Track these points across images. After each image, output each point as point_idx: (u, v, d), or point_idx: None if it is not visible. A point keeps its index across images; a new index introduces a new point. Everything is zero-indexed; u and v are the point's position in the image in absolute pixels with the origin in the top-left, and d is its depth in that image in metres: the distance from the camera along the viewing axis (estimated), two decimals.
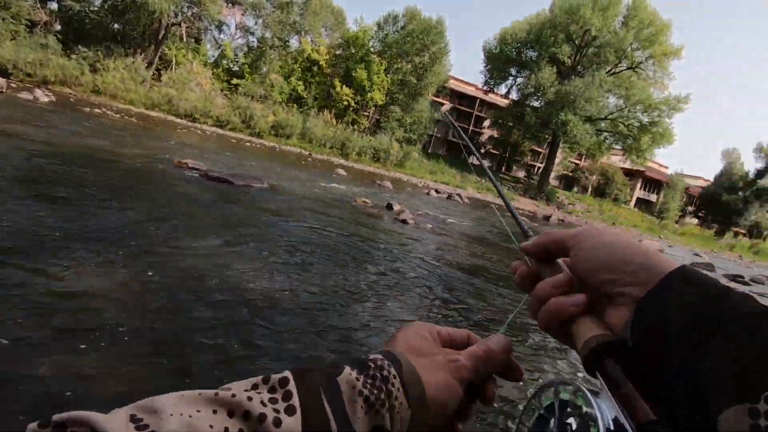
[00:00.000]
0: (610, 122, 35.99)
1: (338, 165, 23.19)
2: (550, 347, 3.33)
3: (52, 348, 1.84)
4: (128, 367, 1.84)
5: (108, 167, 6.21)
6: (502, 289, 4.91)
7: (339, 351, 2.46)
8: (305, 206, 7.32)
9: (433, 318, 3.39)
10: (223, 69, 33.67)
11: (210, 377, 1.92)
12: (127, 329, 2.13)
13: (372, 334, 2.81)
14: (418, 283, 4.28)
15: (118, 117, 16.98)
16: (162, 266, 3.01)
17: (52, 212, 3.56)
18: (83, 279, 2.53)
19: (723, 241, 47.64)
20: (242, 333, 2.39)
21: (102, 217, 3.79)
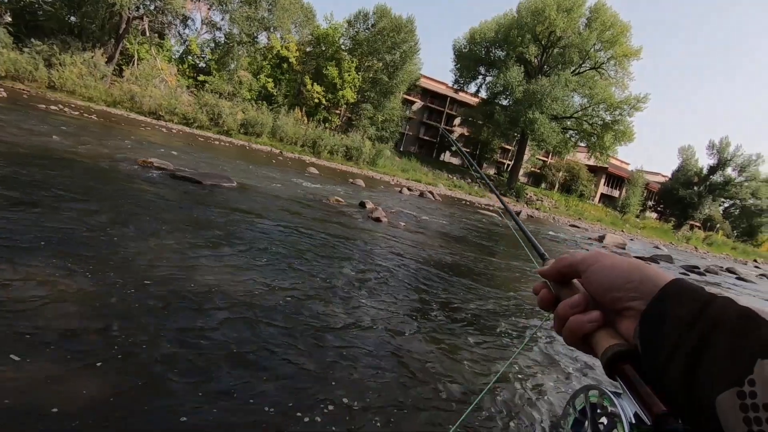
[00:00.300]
0: (575, 120, 37.17)
1: (310, 163, 22.96)
2: (575, 357, 3.45)
3: (15, 352, 1.75)
4: (91, 374, 1.78)
5: (66, 167, 5.93)
6: (477, 285, 4.99)
7: (315, 349, 2.45)
8: (277, 205, 7.22)
9: (409, 313, 3.42)
10: (188, 65, 32.71)
11: (177, 380, 1.87)
12: (88, 336, 2.05)
13: (347, 331, 2.81)
14: (393, 281, 4.30)
15: (77, 114, 16.21)
16: (126, 270, 2.91)
17: (3, 215, 3.37)
18: (40, 285, 2.42)
19: (680, 233, 50.22)
20: (210, 336, 2.34)
21: (60, 220, 3.61)
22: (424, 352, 2.83)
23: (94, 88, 24.28)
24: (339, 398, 2.05)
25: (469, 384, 2.56)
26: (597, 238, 19.41)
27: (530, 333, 3.81)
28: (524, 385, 2.72)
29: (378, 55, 34.40)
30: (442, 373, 2.60)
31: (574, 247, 13.64)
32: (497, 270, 6.48)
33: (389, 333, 2.97)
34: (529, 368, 3.02)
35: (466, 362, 2.84)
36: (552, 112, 34.38)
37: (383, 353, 2.65)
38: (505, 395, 2.53)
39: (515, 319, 4.12)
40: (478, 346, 3.16)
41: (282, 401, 1.91)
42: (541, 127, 33.50)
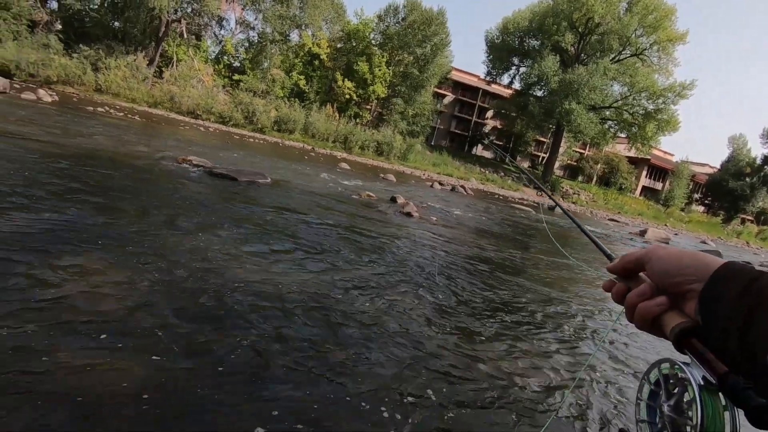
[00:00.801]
0: (615, 110, 35.60)
1: (341, 159, 23.15)
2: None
3: (64, 346, 1.87)
4: (143, 362, 1.87)
5: (112, 166, 6.25)
6: (510, 278, 4.91)
7: (355, 340, 2.48)
8: (310, 201, 7.33)
9: (444, 307, 3.40)
10: (224, 65, 33.59)
11: (221, 369, 1.94)
12: (138, 325, 2.16)
13: (383, 325, 2.82)
14: (424, 275, 4.29)
15: (122, 115, 17.02)
16: (169, 262, 3.04)
17: (57, 212, 3.59)
18: (92, 276, 2.56)
19: (730, 227, 47.31)
20: (254, 326, 2.41)
21: (108, 216, 3.82)
22: (498, 353, 2.83)
23: (136, 90, 25.39)
24: (423, 392, 2.07)
25: (548, 386, 2.53)
26: (638, 232, 18.61)
27: (604, 334, 3.77)
28: (600, 385, 2.69)
29: (408, 48, 34.13)
30: (519, 374, 2.60)
31: (616, 244, 13.14)
32: (542, 267, 6.33)
33: (456, 333, 2.96)
34: (602, 368, 2.97)
35: (541, 363, 2.82)
36: (589, 102, 33.05)
37: (455, 353, 2.65)
38: (584, 395, 2.50)
39: (579, 320, 4.05)
40: (548, 347, 3.14)
41: (343, 394, 1.95)
42: (578, 117, 32.31)
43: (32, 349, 1.80)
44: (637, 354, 3.44)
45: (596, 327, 4.03)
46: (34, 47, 23.24)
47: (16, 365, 1.69)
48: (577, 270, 6.72)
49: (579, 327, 3.87)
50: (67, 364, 1.76)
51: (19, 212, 3.36)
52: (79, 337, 1.95)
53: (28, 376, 1.65)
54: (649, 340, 3.81)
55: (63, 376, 1.68)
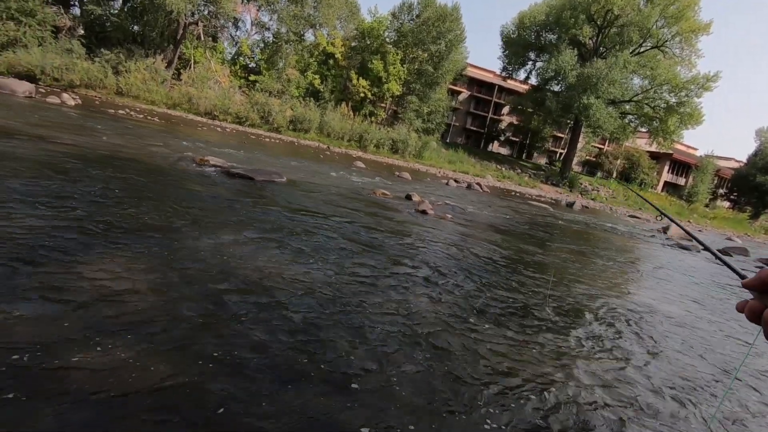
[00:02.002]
0: (635, 104, 34.76)
1: (357, 157, 23.20)
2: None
3: (87, 345, 1.91)
4: (165, 357, 1.90)
5: (133, 167, 6.38)
6: (531, 276, 4.83)
7: (369, 340, 2.48)
8: (325, 200, 7.36)
9: (461, 307, 3.37)
10: (240, 66, 34.00)
11: (242, 363, 1.96)
12: (160, 325, 2.19)
13: (398, 324, 2.81)
14: (441, 274, 4.25)
15: (142, 117, 17.38)
16: (189, 261, 3.08)
17: (80, 212, 3.68)
18: (115, 275, 2.62)
19: (757, 224, 45.78)
20: (277, 326, 2.43)
21: (130, 215, 3.89)
22: (604, 378, 2.78)
23: (156, 92, 25.90)
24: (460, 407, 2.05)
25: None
26: (660, 229, 18.15)
27: (737, 364, 3.46)
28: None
29: (423, 45, 33.97)
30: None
31: (636, 241, 12.85)
32: (588, 269, 6.23)
33: (485, 337, 2.94)
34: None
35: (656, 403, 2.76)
36: (609, 96, 32.32)
37: (484, 357, 2.63)
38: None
39: (697, 337, 3.94)
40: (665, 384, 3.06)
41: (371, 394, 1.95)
42: (597, 112, 31.65)
43: (55, 349, 1.84)
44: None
45: (723, 351, 3.79)
46: (58, 52, 23.91)
47: (40, 365, 1.73)
48: (628, 269, 6.58)
49: (698, 349, 3.72)
50: (91, 363, 1.79)
51: (44, 212, 3.46)
52: (102, 337, 1.99)
53: (52, 375, 1.69)
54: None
55: (86, 376, 1.72)
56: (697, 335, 4.08)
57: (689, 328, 4.29)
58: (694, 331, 4.20)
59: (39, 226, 3.15)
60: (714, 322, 4.74)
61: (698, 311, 5.17)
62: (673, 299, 5.52)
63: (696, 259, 10.89)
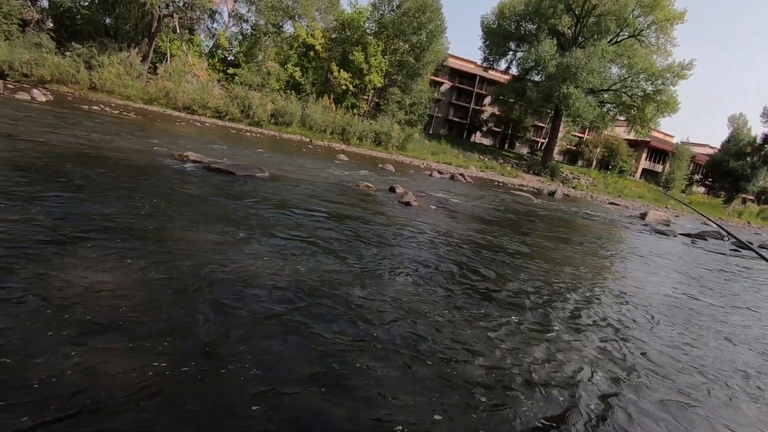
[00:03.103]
0: (613, 93, 35.32)
1: (340, 150, 23.07)
2: None
3: (66, 346, 1.87)
4: (143, 358, 1.87)
5: (109, 164, 6.22)
6: (513, 263, 4.91)
7: (352, 333, 2.49)
8: (308, 193, 7.32)
9: (446, 296, 3.40)
10: (218, 59, 33.32)
11: (224, 363, 1.95)
12: (137, 321, 2.16)
13: (383, 316, 2.83)
14: (425, 264, 4.28)
15: (117, 113, 16.92)
16: (167, 259, 3.04)
17: (54, 210, 3.58)
18: (93, 275, 2.56)
19: (731, 208, 47.23)
20: (261, 322, 2.41)
21: (105, 213, 3.80)
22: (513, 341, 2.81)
23: (131, 87, 25.21)
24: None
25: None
26: (639, 215, 18.59)
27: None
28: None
29: (404, 36, 33.77)
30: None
31: (614, 227, 13.14)
32: (553, 251, 6.33)
33: (462, 318, 2.96)
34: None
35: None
36: (588, 85, 32.75)
37: (461, 340, 2.65)
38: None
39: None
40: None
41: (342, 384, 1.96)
42: (576, 101, 32.06)
43: (34, 350, 1.80)
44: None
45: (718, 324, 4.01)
46: (26, 47, 23.04)
47: (20, 366, 1.69)
48: (592, 253, 6.72)
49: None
50: (70, 364, 1.76)
51: (16, 212, 3.35)
52: (81, 337, 1.95)
53: (32, 376, 1.65)
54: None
55: (67, 377, 1.68)
56: (683, 311, 4.22)
57: (677, 306, 4.43)
58: (680, 309, 4.34)
59: (9, 228, 3.05)
60: (700, 299, 4.90)
61: (683, 288, 5.33)
62: (657, 280, 5.68)
63: (673, 243, 11.20)
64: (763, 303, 5.85)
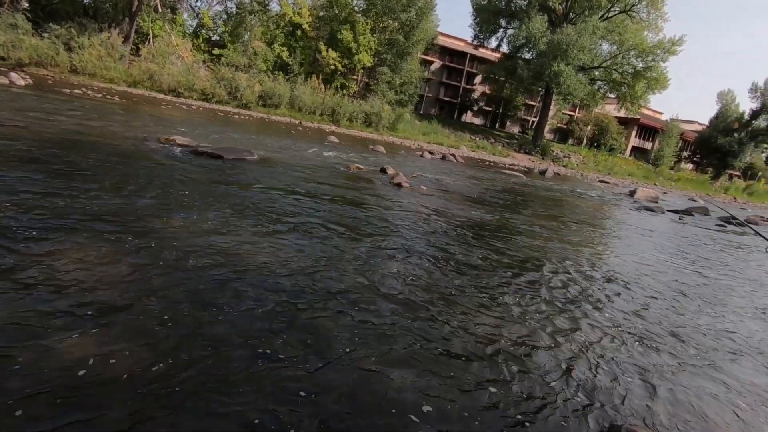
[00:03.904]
0: (604, 70, 35.18)
1: (330, 132, 22.82)
2: None
3: (50, 332, 1.86)
4: (133, 343, 1.87)
5: (93, 149, 6.09)
6: (504, 242, 4.95)
7: (346, 315, 2.51)
8: (298, 176, 7.26)
9: (439, 275, 3.43)
10: (203, 39, 32.41)
11: (213, 347, 1.95)
12: (128, 309, 2.15)
13: (375, 297, 2.85)
14: (416, 245, 4.30)
15: (100, 96, 16.50)
16: (156, 244, 3.01)
17: (39, 197, 3.51)
18: (77, 261, 2.53)
19: (718, 184, 47.85)
20: (249, 305, 2.42)
21: (91, 200, 3.74)
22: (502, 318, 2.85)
23: (114, 69, 24.48)
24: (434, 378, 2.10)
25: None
26: (628, 193, 18.77)
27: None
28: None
29: (393, 14, 33.07)
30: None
31: (604, 205, 13.26)
32: (543, 229, 6.38)
33: (451, 300, 2.99)
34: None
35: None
36: (578, 62, 32.52)
37: (451, 321, 2.68)
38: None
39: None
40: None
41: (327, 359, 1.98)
42: (567, 79, 31.87)
43: (16, 337, 1.79)
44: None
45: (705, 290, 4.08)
46: (1, 28, 22.17)
47: (4, 352, 1.68)
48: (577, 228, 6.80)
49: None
50: (54, 351, 1.75)
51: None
52: (65, 323, 1.94)
53: (13, 365, 1.64)
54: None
55: (50, 364, 1.68)
56: (668, 280, 4.31)
57: (662, 276, 4.52)
58: (664, 276, 4.43)
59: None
60: (685, 270, 5.00)
61: (669, 260, 5.44)
62: (644, 254, 5.78)
63: (661, 219, 11.36)
64: (747, 270, 6.00)
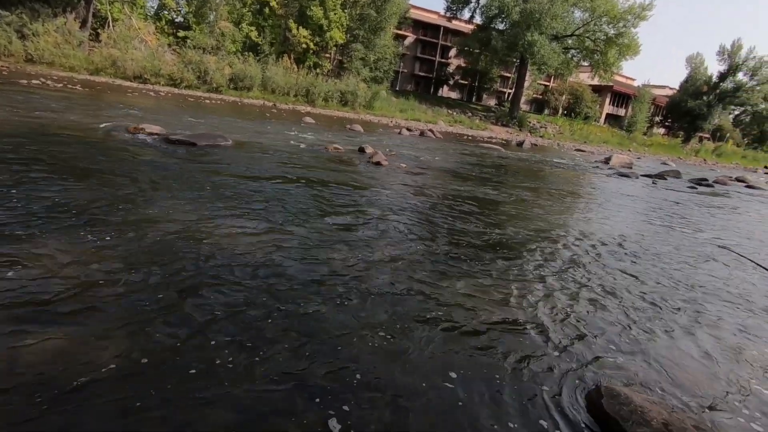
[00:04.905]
0: (577, 38, 35.26)
1: (305, 113, 22.42)
2: None
3: (26, 331, 1.81)
4: (109, 338, 1.84)
5: (58, 142, 5.84)
6: (486, 215, 5.01)
7: (329, 299, 2.51)
8: (275, 160, 7.14)
9: (419, 252, 3.46)
10: (166, 21, 31.01)
11: (189, 340, 1.94)
12: (104, 303, 2.11)
13: (358, 278, 2.86)
14: (399, 223, 4.31)
15: (61, 86, 15.73)
16: (130, 236, 2.94)
17: (6, 192, 3.36)
18: (50, 256, 2.46)
19: (688, 147, 49.18)
20: (231, 293, 2.40)
21: (59, 193, 3.61)
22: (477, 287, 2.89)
23: (73, 57, 23.29)
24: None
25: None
26: (603, 160, 19.13)
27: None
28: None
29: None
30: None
31: (581, 173, 13.49)
32: (519, 201, 6.46)
33: (430, 276, 3.01)
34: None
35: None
36: (552, 31, 32.50)
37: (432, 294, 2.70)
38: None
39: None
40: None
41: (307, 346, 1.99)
42: (541, 49, 31.86)
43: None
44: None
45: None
46: None
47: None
48: (554, 198, 6.91)
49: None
50: (32, 349, 1.71)
51: None
52: (41, 321, 1.89)
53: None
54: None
55: (29, 363, 1.64)
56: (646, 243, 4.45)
57: (637, 236, 4.67)
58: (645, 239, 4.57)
59: None
60: (657, 227, 5.17)
61: (642, 221, 5.61)
62: (620, 217, 5.94)
63: (636, 184, 11.65)
64: (714, 223, 6.24)
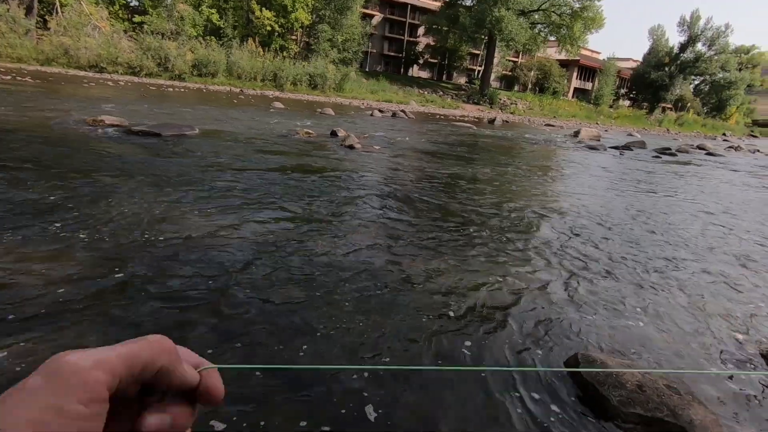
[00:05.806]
0: (543, 13, 35.49)
1: (274, 98, 21.87)
2: None
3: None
4: (81, 340, 1.78)
5: (12, 138, 5.51)
6: (460, 192, 5.04)
7: (301, 285, 2.49)
8: (245, 147, 6.96)
9: (395, 237, 3.46)
10: (120, 5, 29.45)
11: (162, 330, 1.90)
12: (70, 303, 2.03)
13: (330, 267, 2.84)
14: (372, 207, 4.30)
15: (9, 79, 14.81)
16: (95, 232, 2.82)
17: None
18: (10, 257, 2.34)
19: (653, 118, 50.69)
20: (193, 289, 2.34)
21: (16, 191, 3.42)
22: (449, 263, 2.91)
23: (20, 47, 21.92)
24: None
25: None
26: (572, 134, 19.51)
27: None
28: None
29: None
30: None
31: (551, 147, 13.73)
32: (495, 178, 6.52)
33: (410, 256, 3.01)
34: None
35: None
36: (518, 6, 32.59)
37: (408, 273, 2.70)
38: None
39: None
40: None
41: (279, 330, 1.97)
42: (509, 24, 31.94)
43: None
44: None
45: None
46: None
47: None
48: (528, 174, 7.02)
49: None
50: (7, 349, 1.64)
51: None
52: (6, 327, 1.81)
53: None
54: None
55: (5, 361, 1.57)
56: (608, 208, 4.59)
57: (606, 204, 4.81)
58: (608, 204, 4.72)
59: None
60: (626, 195, 5.34)
61: (612, 189, 5.78)
62: (590, 187, 6.10)
63: (604, 155, 11.96)
64: (681, 187, 6.50)
